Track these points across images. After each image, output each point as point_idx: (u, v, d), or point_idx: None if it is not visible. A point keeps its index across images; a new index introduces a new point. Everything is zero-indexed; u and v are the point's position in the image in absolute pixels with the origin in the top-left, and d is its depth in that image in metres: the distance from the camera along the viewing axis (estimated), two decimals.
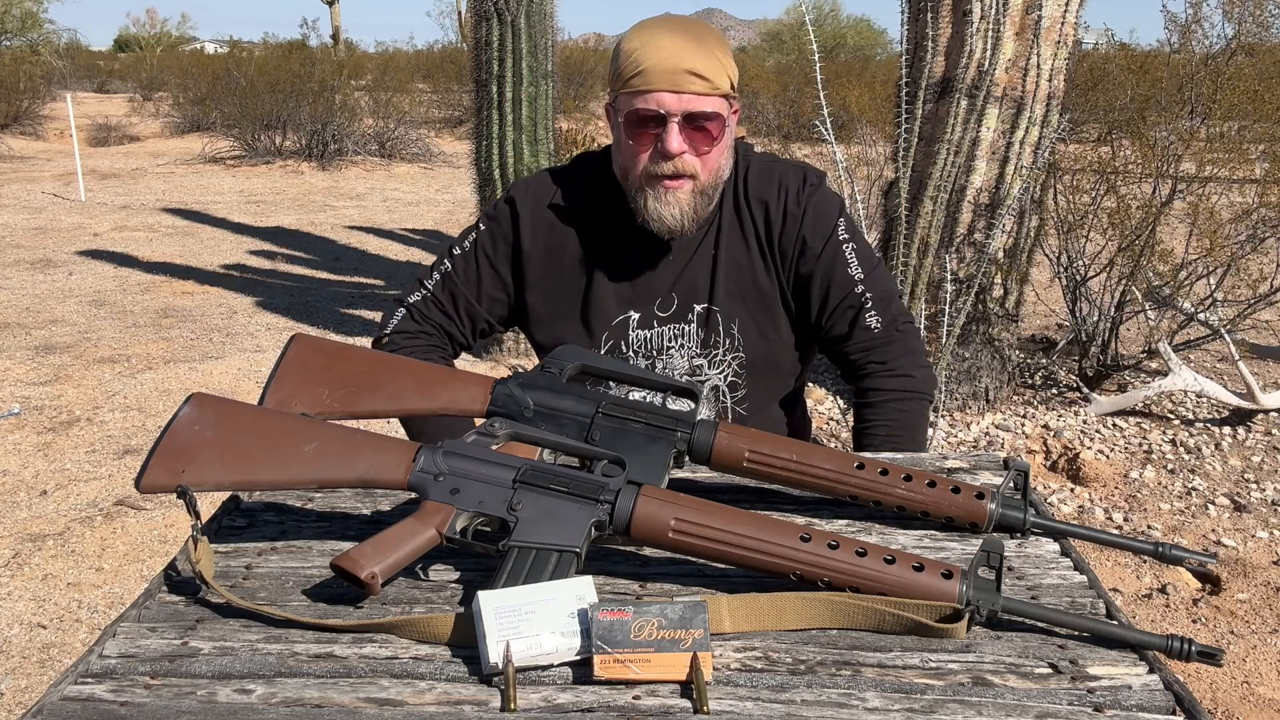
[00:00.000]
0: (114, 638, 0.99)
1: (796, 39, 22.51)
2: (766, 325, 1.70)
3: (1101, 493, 3.83)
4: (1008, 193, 4.10)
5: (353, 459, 1.10)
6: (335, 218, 9.95)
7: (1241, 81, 4.84)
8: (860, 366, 1.71)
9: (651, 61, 1.52)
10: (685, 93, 1.52)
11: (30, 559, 3.30)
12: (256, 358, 5.36)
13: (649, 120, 1.54)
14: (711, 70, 1.53)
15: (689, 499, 1.06)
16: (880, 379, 1.70)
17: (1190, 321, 4.93)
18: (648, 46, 1.53)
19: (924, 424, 1.73)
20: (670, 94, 1.52)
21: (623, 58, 1.56)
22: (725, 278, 1.67)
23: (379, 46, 39.31)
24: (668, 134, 1.53)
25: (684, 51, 1.52)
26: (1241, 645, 2.80)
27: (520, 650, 0.91)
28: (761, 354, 1.71)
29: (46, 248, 8.24)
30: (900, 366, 1.70)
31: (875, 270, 1.70)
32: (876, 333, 1.69)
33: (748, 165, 1.70)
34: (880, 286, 1.70)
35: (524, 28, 5.13)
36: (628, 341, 1.69)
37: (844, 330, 1.69)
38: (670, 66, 1.51)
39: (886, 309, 1.70)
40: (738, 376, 1.71)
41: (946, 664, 0.94)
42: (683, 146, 1.54)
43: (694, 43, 1.53)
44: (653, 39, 1.54)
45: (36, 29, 30.17)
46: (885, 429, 1.68)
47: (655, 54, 1.52)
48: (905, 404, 1.70)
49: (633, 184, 1.60)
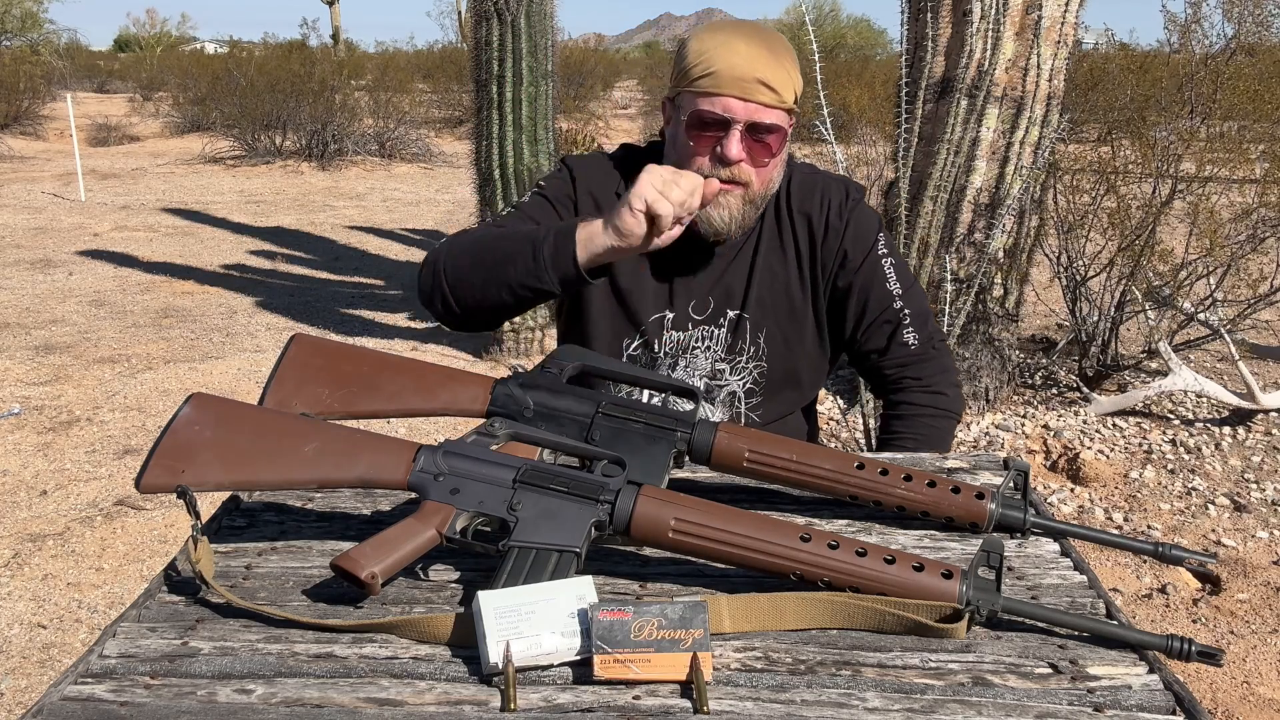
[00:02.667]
0: (114, 638, 0.99)
1: (796, 39, 22.50)
2: (793, 337, 1.71)
3: (1101, 493, 3.83)
4: (1008, 193, 4.10)
5: (353, 459, 1.10)
6: (335, 218, 9.96)
7: (1241, 81, 4.84)
8: (895, 381, 1.72)
9: (723, 65, 1.50)
10: (753, 101, 1.51)
11: (30, 559, 3.30)
12: (256, 358, 5.36)
13: (713, 124, 1.53)
14: (781, 83, 1.52)
15: (689, 499, 1.06)
16: (914, 394, 1.71)
17: (1190, 321, 4.93)
18: (721, 50, 1.51)
19: (950, 442, 1.74)
20: (738, 100, 1.50)
21: (692, 55, 1.54)
22: (759, 286, 1.67)
23: (379, 46, 39.32)
24: (729, 140, 1.52)
25: (757, 60, 1.50)
26: (1241, 645, 2.80)
27: (520, 650, 0.91)
28: (783, 365, 1.71)
29: (46, 248, 8.24)
30: (935, 384, 1.71)
31: (912, 287, 1.71)
32: (914, 349, 1.69)
33: (790, 175, 1.69)
34: (917, 303, 1.71)
35: (524, 28, 5.13)
36: (661, 340, 1.69)
37: (881, 345, 1.70)
38: (742, 73, 1.50)
39: (924, 326, 1.71)
40: (756, 385, 1.71)
41: (946, 664, 0.94)
42: (742, 155, 1.53)
43: (768, 52, 1.52)
44: (727, 43, 1.52)
45: (36, 29, 30.17)
46: (913, 442, 1.69)
47: (728, 58, 1.50)
48: (936, 421, 1.71)
49: None
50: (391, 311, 6.55)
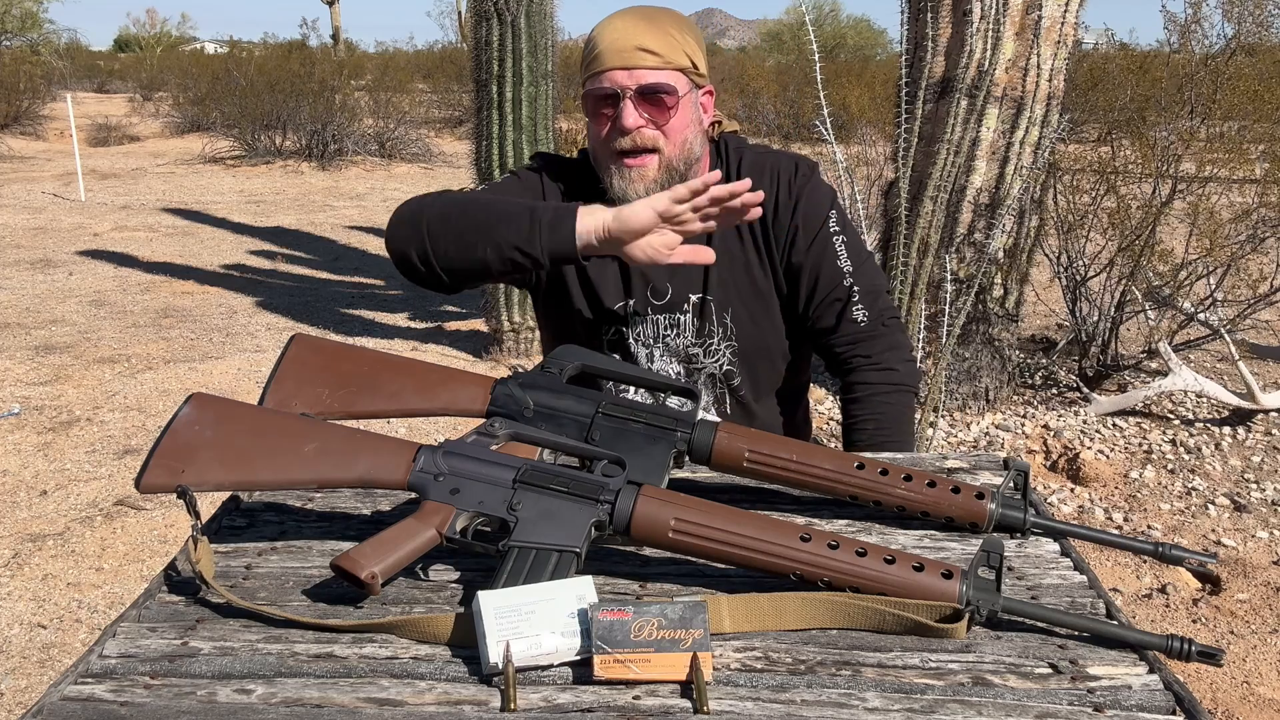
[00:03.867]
0: (114, 638, 0.99)
1: (796, 39, 22.52)
2: (759, 313, 1.71)
3: (1101, 493, 3.83)
4: (1008, 193, 4.10)
5: (353, 459, 1.10)
6: (335, 218, 9.96)
7: (1241, 81, 4.84)
8: (845, 360, 1.72)
9: (605, 43, 1.58)
10: (637, 68, 1.56)
11: (30, 559, 3.30)
12: (256, 358, 5.36)
13: (605, 99, 1.59)
14: (664, 47, 1.57)
15: (689, 499, 1.06)
16: (864, 373, 1.70)
17: (1190, 321, 4.93)
18: (603, 30, 1.60)
19: (910, 417, 1.73)
20: (622, 70, 1.57)
21: (586, 47, 1.63)
22: (719, 267, 1.67)
23: (379, 46, 39.36)
24: (624, 109, 1.57)
25: (634, 29, 1.57)
26: (1241, 645, 2.80)
27: (520, 650, 0.91)
28: (754, 341, 1.72)
29: (46, 248, 8.24)
30: (884, 360, 1.70)
31: (865, 264, 1.71)
32: (862, 326, 1.69)
33: (740, 156, 1.71)
34: (868, 280, 1.70)
35: (524, 28, 5.13)
36: (629, 329, 1.71)
37: (830, 323, 1.70)
38: (621, 45, 1.57)
39: (874, 303, 1.70)
40: (732, 365, 1.72)
41: (946, 664, 0.94)
42: (638, 121, 1.57)
43: (645, 21, 1.59)
44: (608, 24, 1.60)
45: (36, 29, 30.17)
46: (873, 423, 1.68)
47: (609, 35, 1.58)
48: (890, 397, 1.70)
49: (602, 166, 1.63)
50: (391, 311, 6.55)
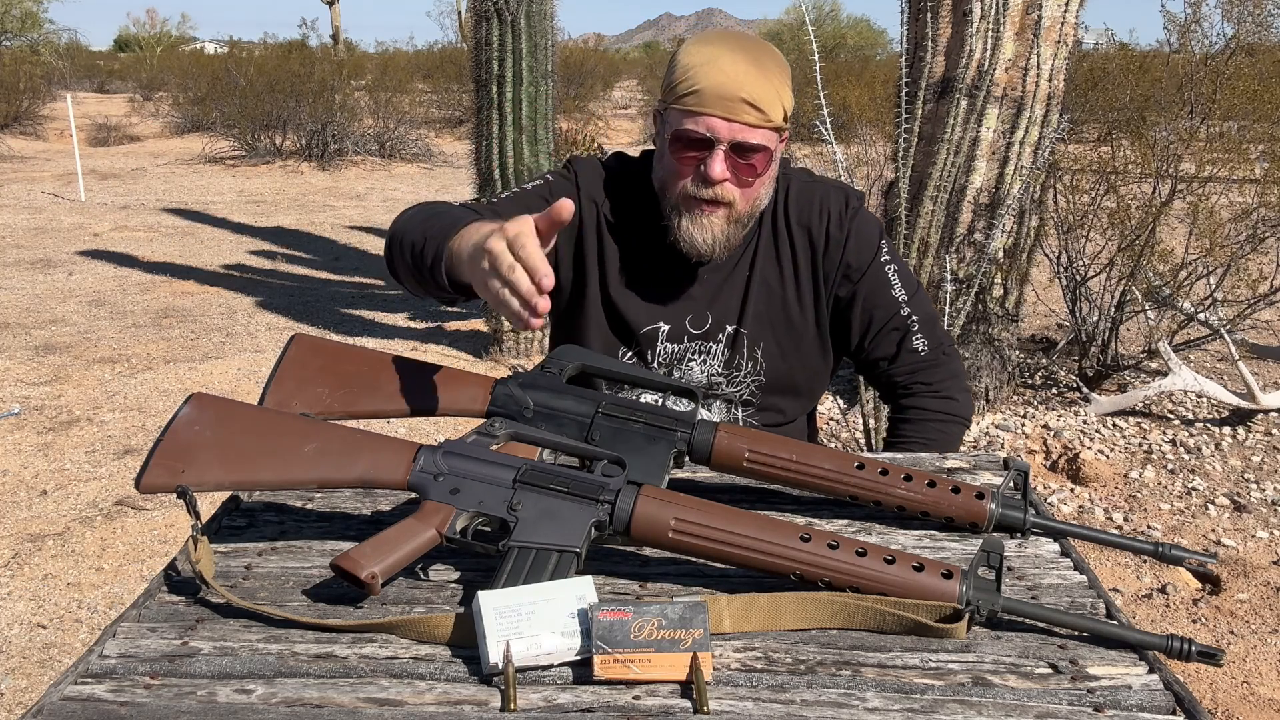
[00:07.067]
0: (114, 638, 0.99)
1: (796, 39, 22.50)
2: (790, 350, 1.69)
3: (1101, 493, 3.83)
4: (1008, 193, 4.10)
5: (353, 459, 1.10)
6: (335, 218, 9.96)
7: (1241, 81, 4.84)
8: (905, 387, 1.71)
9: (708, 83, 1.47)
10: (737, 121, 1.48)
11: (30, 559, 3.30)
12: (256, 358, 5.36)
13: (696, 143, 1.50)
14: (768, 101, 1.48)
15: (689, 499, 1.06)
16: (925, 399, 1.71)
17: (1190, 321, 4.93)
18: (707, 66, 1.48)
19: (957, 447, 1.73)
20: (722, 120, 1.48)
21: (679, 71, 1.51)
22: (756, 301, 1.66)
23: (379, 46, 39.34)
24: (712, 160, 1.50)
25: (743, 78, 1.47)
26: (1241, 645, 2.80)
27: (520, 650, 0.91)
28: (781, 377, 1.70)
29: (46, 248, 8.24)
30: (946, 389, 1.71)
31: (917, 293, 1.70)
32: (924, 355, 1.69)
33: (788, 185, 1.67)
34: (924, 309, 1.70)
35: (524, 28, 5.13)
36: (654, 352, 1.67)
37: (890, 352, 1.69)
38: (726, 92, 1.47)
39: (933, 331, 1.70)
40: (752, 396, 1.70)
41: (946, 664, 0.94)
42: (725, 174, 1.51)
43: (755, 69, 1.48)
44: (714, 59, 1.49)
45: (36, 29, 30.16)
46: (920, 447, 1.68)
47: (713, 75, 1.47)
48: (946, 426, 1.71)
49: (669, 200, 1.57)
50: (391, 311, 6.55)
